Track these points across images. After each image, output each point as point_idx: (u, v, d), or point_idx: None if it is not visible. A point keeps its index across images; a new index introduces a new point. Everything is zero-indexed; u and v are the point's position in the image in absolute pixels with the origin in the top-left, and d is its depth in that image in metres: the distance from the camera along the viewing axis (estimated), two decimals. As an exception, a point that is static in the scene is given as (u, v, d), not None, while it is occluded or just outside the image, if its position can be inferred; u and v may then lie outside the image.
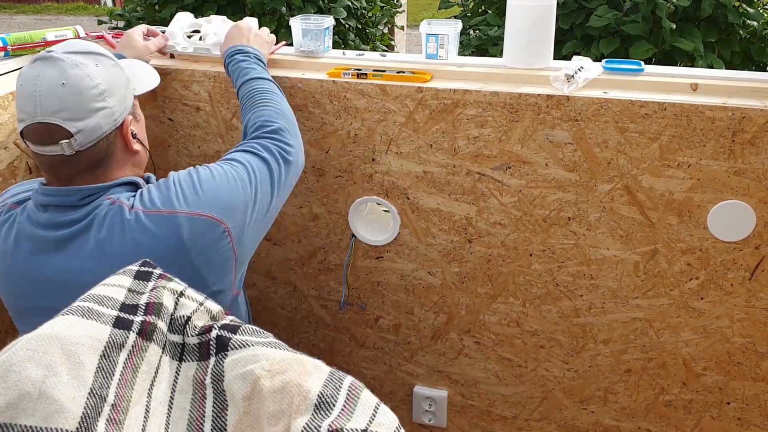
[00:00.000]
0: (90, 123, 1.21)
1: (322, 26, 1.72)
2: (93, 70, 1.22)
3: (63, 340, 0.92)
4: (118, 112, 1.26)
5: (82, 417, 0.87)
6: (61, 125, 1.19)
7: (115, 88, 1.25)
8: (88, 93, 1.21)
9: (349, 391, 0.94)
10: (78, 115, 1.20)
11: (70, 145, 1.20)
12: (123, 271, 1.09)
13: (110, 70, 1.26)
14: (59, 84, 1.19)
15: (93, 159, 1.24)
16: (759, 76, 1.51)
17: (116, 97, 1.25)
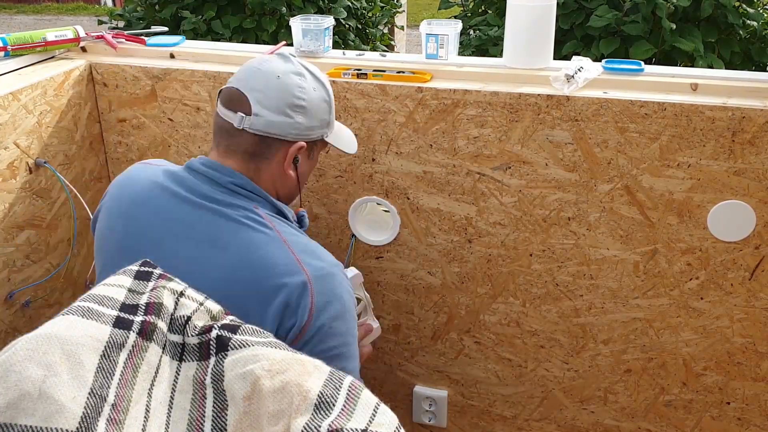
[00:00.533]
0: (271, 117, 1.27)
1: (322, 26, 1.72)
2: (308, 87, 1.31)
3: (63, 340, 0.92)
4: (299, 131, 1.30)
5: (83, 417, 0.87)
6: (249, 100, 1.27)
7: (312, 113, 1.31)
8: (290, 97, 1.28)
9: (349, 391, 0.94)
10: (267, 104, 1.27)
11: (242, 120, 1.27)
12: (123, 271, 1.09)
13: (320, 102, 1.33)
14: (276, 75, 1.29)
15: (252, 146, 1.28)
16: (759, 76, 1.51)
17: (307, 120, 1.31)
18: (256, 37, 4.11)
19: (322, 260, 1.26)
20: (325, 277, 1.24)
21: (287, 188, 1.36)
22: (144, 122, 1.79)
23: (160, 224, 1.27)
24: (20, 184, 1.60)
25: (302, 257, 1.23)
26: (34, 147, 1.62)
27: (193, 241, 1.24)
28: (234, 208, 1.25)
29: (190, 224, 1.25)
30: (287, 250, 1.23)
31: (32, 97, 1.60)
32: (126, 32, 1.87)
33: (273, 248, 1.22)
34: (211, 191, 1.26)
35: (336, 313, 1.24)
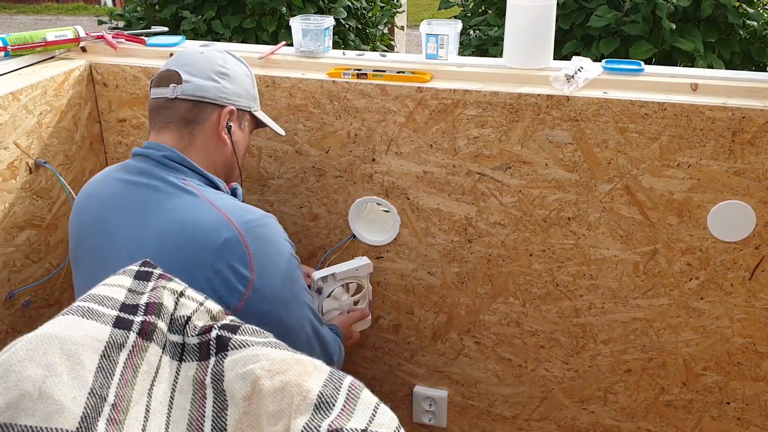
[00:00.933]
0: (200, 81, 1.37)
1: (322, 26, 1.72)
2: (231, 62, 1.44)
3: (63, 340, 0.91)
4: (227, 95, 1.40)
5: (83, 417, 0.87)
6: (179, 72, 1.38)
7: (237, 81, 1.43)
8: (213, 65, 1.40)
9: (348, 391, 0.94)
10: (195, 72, 1.38)
11: (174, 89, 1.36)
12: (123, 271, 1.09)
13: (242, 75, 1.45)
14: (199, 52, 1.43)
15: (186, 114, 1.37)
16: (759, 76, 1.51)
17: (233, 86, 1.41)
18: (256, 37, 4.11)
19: (252, 213, 1.30)
20: (255, 228, 1.28)
21: (223, 157, 1.42)
22: (144, 122, 1.79)
23: (104, 205, 1.35)
24: (20, 184, 1.60)
25: (229, 213, 1.27)
26: (34, 147, 1.62)
27: (128, 213, 1.31)
28: (164, 181, 1.32)
29: (127, 198, 1.33)
30: (213, 209, 1.27)
31: (32, 97, 1.60)
32: (126, 32, 1.87)
33: (199, 209, 1.27)
34: (146, 168, 1.34)
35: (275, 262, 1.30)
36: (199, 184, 1.33)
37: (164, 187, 1.31)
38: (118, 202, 1.33)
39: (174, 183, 1.31)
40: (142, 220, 1.29)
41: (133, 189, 1.32)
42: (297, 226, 1.79)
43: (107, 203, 1.34)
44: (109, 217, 1.33)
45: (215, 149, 1.40)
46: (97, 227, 1.34)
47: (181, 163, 1.34)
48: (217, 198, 1.30)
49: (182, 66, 1.39)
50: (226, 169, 1.43)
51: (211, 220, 1.25)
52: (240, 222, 1.26)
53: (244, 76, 1.45)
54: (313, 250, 1.81)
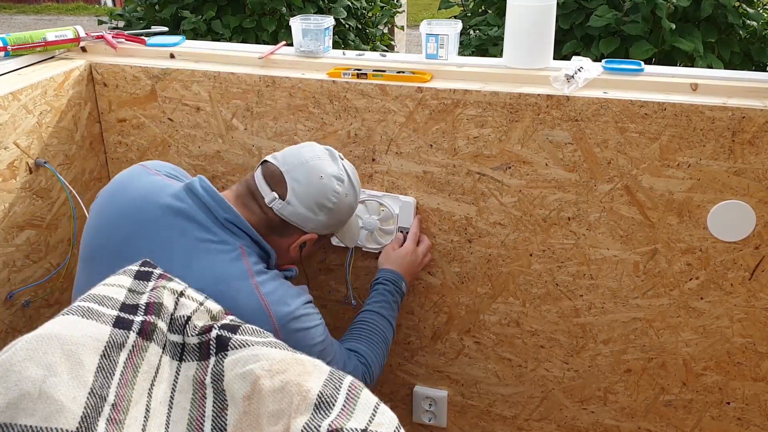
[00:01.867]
0: (299, 209, 1.37)
1: (322, 26, 1.72)
2: (342, 194, 1.40)
3: (63, 340, 0.92)
4: (317, 227, 1.40)
5: (83, 417, 0.87)
6: (288, 188, 1.36)
7: (335, 216, 1.41)
8: (321, 197, 1.38)
9: (348, 391, 0.94)
10: (301, 198, 1.36)
11: (274, 200, 1.36)
12: (123, 271, 1.09)
13: (346, 208, 1.43)
14: (319, 175, 1.38)
15: (270, 223, 1.38)
16: (759, 76, 1.51)
17: (328, 220, 1.41)
18: (256, 37, 4.11)
19: (290, 305, 1.31)
20: (291, 322, 1.30)
21: (287, 260, 1.46)
22: (144, 122, 1.79)
23: (144, 236, 1.31)
24: (20, 184, 1.60)
25: (270, 304, 1.29)
26: (34, 147, 1.62)
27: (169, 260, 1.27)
28: (219, 242, 1.31)
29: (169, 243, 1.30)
30: (256, 295, 1.28)
31: (32, 97, 1.60)
32: (126, 32, 1.87)
33: (244, 291, 1.28)
34: (204, 220, 1.32)
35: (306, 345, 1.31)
36: (255, 261, 1.33)
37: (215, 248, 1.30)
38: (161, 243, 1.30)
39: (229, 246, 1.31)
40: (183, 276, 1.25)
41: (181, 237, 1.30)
42: (297, 226, 1.79)
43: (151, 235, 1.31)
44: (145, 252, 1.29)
45: (282, 254, 1.42)
46: (122, 234, 1.32)
47: (242, 229, 1.34)
48: (264, 281, 1.31)
49: (295, 181, 1.36)
50: (281, 264, 1.46)
51: (250, 309, 1.26)
52: (278, 316, 1.28)
53: (347, 208, 1.44)
54: (313, 250, 1.80)
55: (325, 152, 1.42)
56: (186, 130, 1.77)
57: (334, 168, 1.40)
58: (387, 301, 1.58)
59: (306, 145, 1.44)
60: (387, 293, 1.59)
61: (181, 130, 1.77)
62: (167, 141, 1.79)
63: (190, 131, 1.77)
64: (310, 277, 1.83)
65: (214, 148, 1.77)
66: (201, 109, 1.73)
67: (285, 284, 1.36)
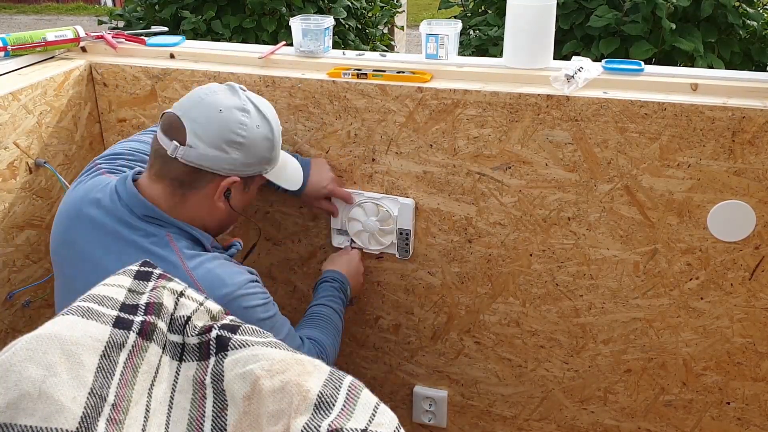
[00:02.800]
0: (205, 150, 1.27)
1: (322, 26, 1.72)
2: (250, 124, 1.30)
3: (63, 340, 0.91)
4: (232, 167, 1.30)
5: (83, 417, 0.87)
6: (186, 131, 1.26)
7: (250, 151, 1.31)
8: (227, 133, 1.28)
9: (348, 391, 0.94)
10: (204, 137, 1.27)
11: (176, 149, 1.27)
12: (123, 271, 1.09)
13: (261, 140, 1.32)
14: (218, 109, 1.28)
15: (181, 176, 1.29)
16: (759, 76, 1.51)
17: (243, 157, 1.30)
18: (256, 37, 4.11)
19: (227, 285, 1.26)
20: (229, 303, 1.25)
21: (216, 219, 1.37)
22: (144, 122, 1.79)
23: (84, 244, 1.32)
24: (20, 184, 1.60)
25: (205, 287, 1.24)
26: (34, 147, 1.62)
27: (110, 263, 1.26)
28: (146, 235, 1.28)
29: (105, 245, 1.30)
30: (189, 280, 1.24)
31: (32, 97, 1.60)
32: (126, 32, 1.87)
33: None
34: (128, 216, 1.30)
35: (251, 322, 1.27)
36: (186, 246, 1.29)
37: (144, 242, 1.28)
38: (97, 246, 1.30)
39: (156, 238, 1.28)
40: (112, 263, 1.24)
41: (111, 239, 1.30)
42: (297, 226, 1.79)
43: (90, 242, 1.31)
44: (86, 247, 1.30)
45: (208, 213, 1.34)
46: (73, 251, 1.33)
47: (166, 222, 1.30)
48: (196, 266, 1.27)
49: (193, 123, 1.27)
50: (219, 227, 1.39)
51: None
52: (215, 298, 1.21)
53: (262, 141, 1.33)
54: (313, 250, 1.81)
55: (224, 87, 1.33)
56: (186, 130, 1.77)
57: (235, 100, 1.30)
58: (334, 296, 1.56)
59: (204, 85, 1.35)
60: (334, 289, 1.58)
61: (181, 130, 1.77)
62: (167, 141, 1.79)
63: (190, 131, 1.77)
64: (310, 277, 1.83)
65: (214, 148, 1.76)
66: (201, 109, 1.73)
67: (223, 264, 1.30)
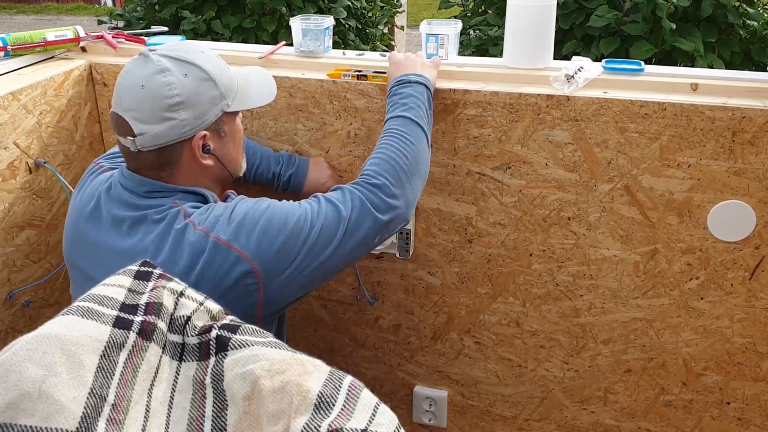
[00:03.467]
0: (155, 129, 1.24)
1: (322, 26, 1.72)
2: (177, 79, 1.24)
3: (63, 340, 0.92)
4: (190, 125, 1.26)
5: (82, 417, 0.87)
6: (129, 123, 1.24)
7: (194, 101, 1.26)
8: (161, 101, 1.23)
9: (348, 391, 0.94)
10: (145, 119, 1.24)
11: (134, 143, 1.25)
12: (123, 271, 1.09)
13: (197, 84, 1.26)
14: (139, 85, 1.24)
15: (156, 161, 1.28)
16: (759, 76, 1.51)
17: (192, 111, 1.26)
18: (256, 37, 4.12)
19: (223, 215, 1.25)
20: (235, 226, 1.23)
21: (213, 174, 1.34)
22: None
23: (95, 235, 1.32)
24: (20, 184, 1.60)
25: (208, 228, 1.23)
26: (34, 147, 1.62)
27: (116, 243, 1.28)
28: (152, 209, 1.28)
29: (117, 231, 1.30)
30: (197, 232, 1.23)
31: (32, 97, 1.60)
32: (126, 32, 1.87)
33: (187, 237, 1.24)
34: (132, 198, 1.30)
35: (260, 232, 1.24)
36: (191, 204, 1.29)
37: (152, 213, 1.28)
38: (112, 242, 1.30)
39: (163, 207, 1.27)
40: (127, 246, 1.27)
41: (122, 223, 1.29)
42: (297, 226, 1.79)
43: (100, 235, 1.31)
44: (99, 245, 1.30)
45: (200, 172, 1.32)
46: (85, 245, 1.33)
47: (165, 190, 1.29)
48: (197, 215, 1.26)
49: (128, 112, 1.24)
50: (223, 180, 1.38)
51: (200, 248, 1.22)
52: (222, 234, 1.23)
53: (201, 85, 1.26)
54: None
55: (136, 60, 1.27)
56: (186, 130, 1.77)
57: (150, 66, 1.25)
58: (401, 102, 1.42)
59: (120, 71, 1.31)
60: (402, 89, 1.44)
61: (181, 130, 1.77)
62: (167, 141, 1.79)
63: (190, 131, 1.76)
64: None
65: (214, 148, 1.76)
66: (201, 109, 1.73)
67: (219, 206, 1.28)
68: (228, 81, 1.31)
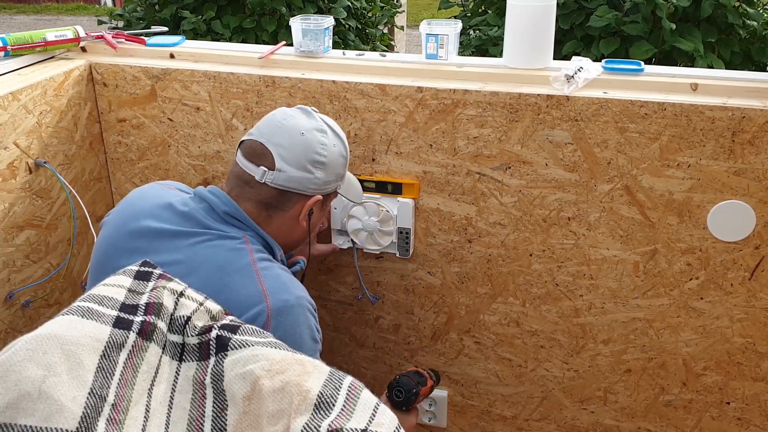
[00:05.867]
0: (293, 173, 1.32)
1: (322, 26, 1.72)
2: (329, 144, 1.36)
3: (63, 340, 0.92)
4: (317, 186, 1.36)
5: (82, 417, 0.87)
6: (273, 156, 1.32)
7: (330, 169, 1.37)
8: (311, 154, 1.33)
9: (348, 391, 0.94)
10: (290, 160, 1.32)
11: (264, 174, 1.32)
12: (123, 271, 1.09)
13: (338, 157, 1.38)
14: (300, 132, 1.34)
15: (269, 199, 1.34)
16: (759, 76, 1.51)
17: (325, 176, 1.36)
18: (256, 37, 4.12)
19: (289, 293, 1.27)
20: (285, 309, 1.25)
21: (294, 238, 1.42)
22: (144, 122, 1.79)
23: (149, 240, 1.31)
24: (20, 184, 1.60)
25: (268, 288, 1.25)
26: (34, 147, 1.62)
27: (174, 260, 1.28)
28: (220, 236, 1.30)
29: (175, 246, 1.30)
30: (256, 280, 1.25)
31: (32, 97, 1.60)
32: (126, 32, 1.87)
33: (243, 277, 1.25)
34: (205, 218, 1.32)
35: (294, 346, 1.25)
36: (257, 248, 1.31)
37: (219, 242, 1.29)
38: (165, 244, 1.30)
39: (233, 239, 1.30)
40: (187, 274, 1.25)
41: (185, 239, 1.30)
42: (297, 226, 1.79)
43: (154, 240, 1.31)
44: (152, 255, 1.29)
45: (289, 230, 1.39)
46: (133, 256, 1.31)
47: (243, 222, 1.33)
48: (265, 267, 1.28)
49: (278, 147, 1.32)
50: (293, 246, 1.42)
51: (247, 293, 1.24)
52: (273, 302, 1.24)
53: (339, 158, 1.39)
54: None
55: (298, 110, 1.39)
56: (186, 130, 1.77)
57: (312, 122, 1.36)
58: None
59: (276, 110, 1.40)
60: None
61: (181, 130, 1.77)
62: (167, 141, 1.79)
63: (190, 131, 1.77)
64: (310, 277, 1.83)
65: (214, 148, 1.77)
66: (201, 109, 1.73)
67: (291, 277, 1.32)
68: (345, 169, 1.44)
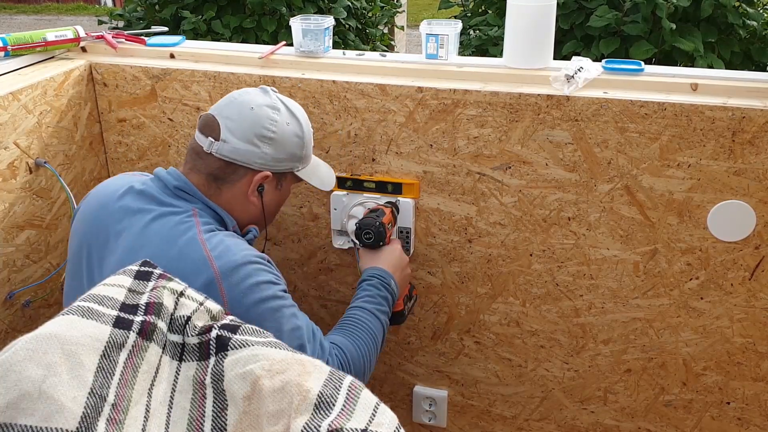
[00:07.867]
0: (239, 145, 1.33)
1: (322, 26, 1.72)
2: (280, 121, 1.36)
3: (63, 340, 0.92)
4: (264, 161, 1.36)
5: (83, 417, 0.87)
6: (220, 127, 1.34)
7: (280, 146, 1.37)
8: (259, 129, 1.34)
9: (348, 391, 0.94)
10: (236, 133, 1.34)
11: (211, 144, 1.34)
12: (123, 270, 1.10)
13: (291, 137, 1.38)
14: (250, 106, 1.35)
15: (216, 171, 1.35)
16: (759, 76, 1.51)
17: (273, 151, 1.36)
18: (256, 37, 4.12)
19: (233, 254, 1.26)
20: (233, 268, 1.24)
21: (248, 214, 1.41)
22: (144, 122, 1.79)
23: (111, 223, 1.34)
24: (20, 184, 1.60)
25: (214, 255, 1.24)
26: (34, 147, 1.62)
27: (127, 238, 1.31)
28: (171, 211, 1.32)
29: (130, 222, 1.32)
30: (200, 246, 1.25)
31: (32, 97, 1.60)
32: (126, 32, 1.87)
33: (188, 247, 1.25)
34: (159, 194, 1.34)
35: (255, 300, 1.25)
36: (206, 221, 1.31)
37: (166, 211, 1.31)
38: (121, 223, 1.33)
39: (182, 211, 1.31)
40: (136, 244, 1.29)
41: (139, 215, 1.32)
42: (297, 226, 1.79)
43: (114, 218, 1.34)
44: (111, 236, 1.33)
45: (240, 206, 1.38)
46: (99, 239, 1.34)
47: (193, 195, 1.34)
48: (211, 236, 1.28)
49: (226, 119, 1.34)
50: (249, 221, 1.42)
51: (191, 260, 1.23)
52: (219, 265, 1.23)
53: (292, 138, 1.38)
54: (313, 250, 1.81)
55: (256, 89, 1.41)
56: (186, 130, 1.77)
57: (266, 99, 1.38)
58: (372, 296, 1.47)
59: (239, 90, 1.42)
60: (373, 287, 1.49)
61: (181, 130, 1.77)
62: (167, 141, 1.79)
63: (190, 131, 1.77)
64: (310, 277, 1.83)
65: (214, 148, 1.77)
66: (201, 109, 1.73)
67: (237, 241, 1.30)
68: (308, 152, 1.44)
